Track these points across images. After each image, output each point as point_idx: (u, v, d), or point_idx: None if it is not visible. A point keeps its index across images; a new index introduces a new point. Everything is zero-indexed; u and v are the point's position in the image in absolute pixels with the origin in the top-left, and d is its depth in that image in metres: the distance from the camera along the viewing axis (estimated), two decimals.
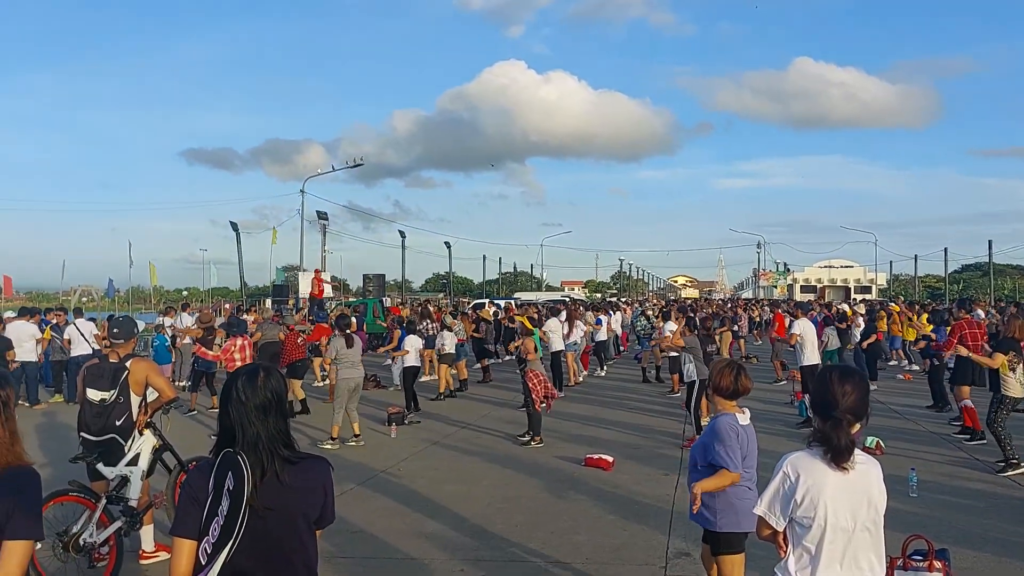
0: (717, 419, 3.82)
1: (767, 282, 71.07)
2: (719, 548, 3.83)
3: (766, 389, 13.93)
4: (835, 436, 2.43)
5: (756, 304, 30.99)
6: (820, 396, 2.56)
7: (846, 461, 2.44)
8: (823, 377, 2.59)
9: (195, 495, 2.23)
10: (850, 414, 2.47)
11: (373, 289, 28.30)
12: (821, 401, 2.54)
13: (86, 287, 40.79)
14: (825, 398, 2.51)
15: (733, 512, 3.72)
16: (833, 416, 2.46)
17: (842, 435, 2.44)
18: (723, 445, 3.68)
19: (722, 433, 3.71)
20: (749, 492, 3.72)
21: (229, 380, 2.38)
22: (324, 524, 2.39)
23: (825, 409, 2.50)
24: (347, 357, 9.50)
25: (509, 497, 6.99)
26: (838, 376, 2.54)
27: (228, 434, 2.29)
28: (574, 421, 10.91)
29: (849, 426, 2.46)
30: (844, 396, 2.48)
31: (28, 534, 2.24)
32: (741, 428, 3.77)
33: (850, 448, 2.45)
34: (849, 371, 2.62)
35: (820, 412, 2.54)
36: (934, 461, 8.25)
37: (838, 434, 2.44)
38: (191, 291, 59.19)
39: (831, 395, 2.50)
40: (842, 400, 2.47)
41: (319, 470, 2.36)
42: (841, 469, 2.44)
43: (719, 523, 3.76)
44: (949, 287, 56.27)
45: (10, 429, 2.37)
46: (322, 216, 35.08)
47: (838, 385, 2.51)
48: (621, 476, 7.69)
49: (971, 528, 5.95)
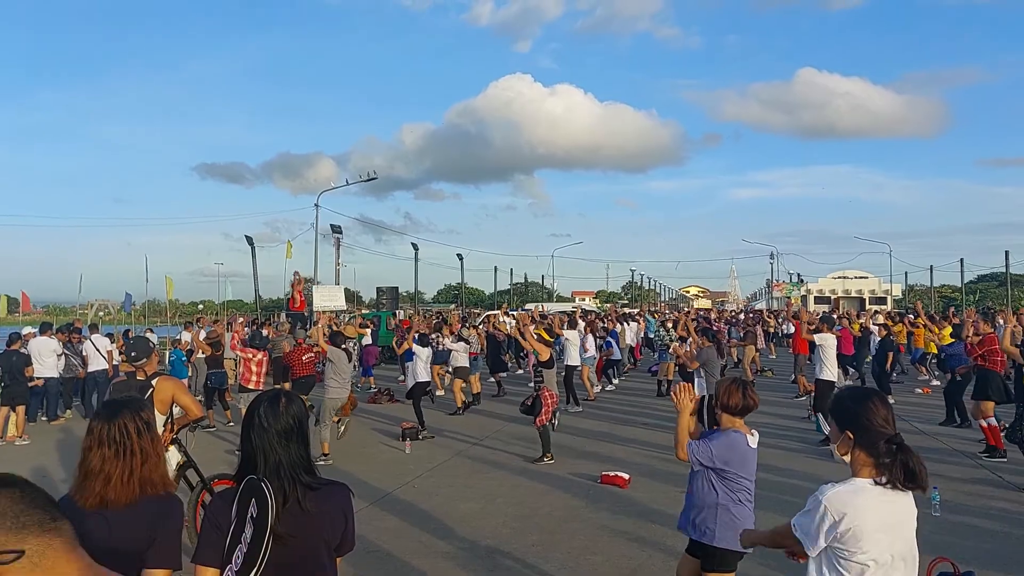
0: (727, 432, 3.79)
1: (780, 293, 70.49)
2: (713, 565, 3.78)
3: (783, 403, 13.81)
4: (914, 463, 2.30)
5: (772, 315, 30.69)
6: (868, 424, 2.38)
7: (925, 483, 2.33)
8: (865, 404, 2.42)
9: (217, 522, 2.23)
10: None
11: (387, 302, 28.35)
12: (872, 432, 2.37)
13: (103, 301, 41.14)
14: (877, 425, 2.37)
15: (733, 530, 3.66)
16: (898, 441, 2.34)
17: (918, 459, 2.32)
18: (710, 444, 3.69)
19: (723, 440, 3.72)
20: (749, 512, 3.74)
21: (251, 406, 2.38)
22: (345, 551, 2.39)
23: (884, 437, 2.34)
24: (343, 374, 9.51)
25: (524, 515, 6.95)
26: (880, 400, 2.45)
27: (250, 461, 2.29)
28: (588, 437, 10.84)
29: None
30: (892, 417, 2.40)
31: (171, 563, 2.29)
32: (749, 449, 3.76)
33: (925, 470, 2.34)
34: (878, 394, 2.56)
35: (876, 441, 2.34)
36: (956, 479, 8.12)
37: (915, 459, 2.32)
38: (206, 304, 59.64)
39: (882, 421, 2.37)
40: (893, 421, 2.39)
41: (340, 496, 2.36)
42: (919, 490, 2.33)
43: (717, 538, 3.71)
44: (965, 298, 55.66)
45: (157, 451, 2.43)
46: (336, 230, 35.23)
47: (883, 408, 2.40)
48: (637, 494, 7.62)
49: (998, 549, 5.84)
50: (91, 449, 2.36)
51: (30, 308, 34.89)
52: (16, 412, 11.38)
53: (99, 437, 2.36)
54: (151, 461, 2.39)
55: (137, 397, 2.75)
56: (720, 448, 3.70)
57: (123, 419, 2.40)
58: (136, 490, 2.32)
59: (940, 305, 54.39)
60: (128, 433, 2.37)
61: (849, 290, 75.62)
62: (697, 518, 3.81)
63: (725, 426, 3.84)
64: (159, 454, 2.47)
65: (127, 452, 2.34)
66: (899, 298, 69.05)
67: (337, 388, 9.44)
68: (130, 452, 2.34)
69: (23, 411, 11.48)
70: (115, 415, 2.41)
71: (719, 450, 3.69)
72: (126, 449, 2.34)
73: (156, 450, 2.44)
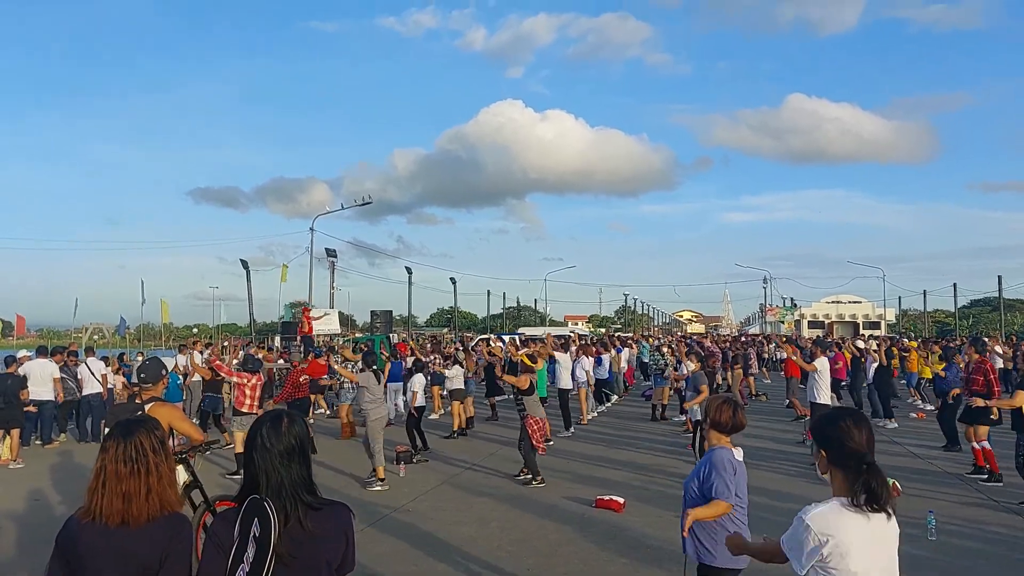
0: (714, 452, 3.84)
1: (774, 317, 70.74)
2: None
3: (778, 429, 13.81)
4: (878, 486, 2.37)
5: (765, 340, 30.80)
6: (841, 445, 2.46)
7: (890, 506, 2.40)
8: (837, 425, 2.51)
9: (220, 543, 2.23)
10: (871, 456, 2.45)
11: (381, 325, 28.34)
12: (844, 452, 2.45)
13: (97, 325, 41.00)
14: (850, 446, 2.44)
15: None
16: (869, 462, 2.40)
17: (883, 482, 2.39)
18: (720, 476, 3.71)
19: (719, 465, 3.75)
20: (745, 528, 3.77)
21: (254, 427, 2.39)
22: (345, 571, 2.38)
23: (855, 457, 2.42)
24: (377, 393, 9.56)
25: (519, 539, 6.94)
26: (853, 421, 2.51)
27: (253, 481, 2.30)
28: (583, 461, 10.83)
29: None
30: (866, 439, 2.46)
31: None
32: (737, 463, 3.81)
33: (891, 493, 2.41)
34: (857, 413, 2.63)
35: (848, 461, 2.43)
36: (952, 503, 8.15)
37: (880, 481, 2.38)
38: (200, 327, 59.44)
39: (854, 442, 2.44)
40: (866, 443, 2.45)
41: (341, 517, 2.37)
42: (884, 512, 2.39)
43: (718, 558, 3.75)
44: (959, 322, 55.89)
45: (169, 468, 2.45)
46: (331, 253, 35.36)
47: (856, 430, 2.47)
48: (632, 518, 7.62)
49: (992, 571, 5.86)
50: (106, 467, 2.36)
51: (24, 332, 34.72)
52: (11, 435, 11.31)
53: (115, 455, 2.36)
54: (165, 479, 2.40)
55: (150, 417, 2.76)
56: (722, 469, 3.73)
57: (139, 437, 2.40)
58: (152, 508, 2.33)
59: (934, 330, 54.65)
60: (144, 451, 2.38)
61: (843, 315, 75.88)
62: (695, 539, 3.84)
63: (713, 443, 3.89)
64: (172, 472, 2.49)
65: (144, 470, 2.35)
66: (893, 323, 69.29)
67: (376, 408, 9.48)
68: (146, 470, 2.35)
69: (18, 434, 11.41)
70: (131, 433, 2.42)
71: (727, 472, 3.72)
72: (142, 467, 2.35)
73: (170, 468, 2.47)
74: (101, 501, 2.32)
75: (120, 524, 2.30)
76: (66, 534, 2.35)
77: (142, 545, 2.28)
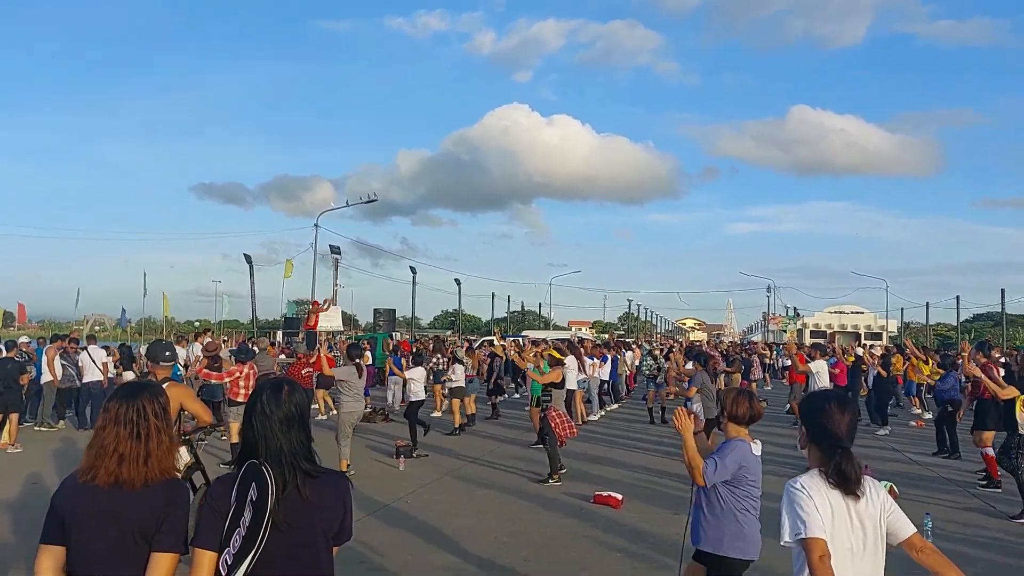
0: (731, 441, 3.82)
1: (777, 326, 70.62)
2: (719, 572, 3.81)
3: (776, 433, 13.78)
4: (849, 468, 2.45)
5: (767, 347, 30.77)
6: (821, 425, 2.56)
7: (859, 489, 2.46)
8: (822, 406, 2.58)
9: (217, 506, 2.22)
10: (850, 441, 2.53)
11: (384, 324, 28.39)
12: (823, 432, 2.54)
13: (99, 316, 41.10)
14: (828, 428, 2.53)
15: (742, 538, 3.71)
16: (843, 446, 2.49)
17: (855, 466, 2.47)
18: (719, 457, 3.71)
19: (726, 448, 3.75)
20: (756, 521, 3.77)
21: (254, 393, 2.39)
22: (342, 540, 2.38)
23: (830, 439, 2.52)
24: (356, 387, 9.53)
25: (516, 532, 6.94)
26: (837, 405, 2.57)
27: (251, 446, 2.30)
28: (582, 459, 10.82)
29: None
30: (847, 424, 2.53)
31: (177, 548, 2.29)
32: (754, 457, 3.80)
33: (860, 477, 2.48)
34: (843, 398, 2.68)
35: (823, 441, 2.54)
36: (948, 507, 8.14)
37: (852, 465, 2.46)
38: (203, 323, 59.52)
39: (835, 425, 2.52)
40: (846, 429, 2.52)
41: (339, 486, 2.37)
42: (854, 497, 2.46)
43: (726, 547, 3.74)
44: (961, 336, 55.71)
45: (169, 436, 2.43)
46: (335, 250, 35.37)
47: (838, 414, 2.54)
48: (629, 514, 7.62)
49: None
50: (106, 427, 2.34)
51: (25, 321, 34.83)
52: (10, 420, 11.34)
53: (115, 416, 2.35)
54: (165, 445, 2.38)
55: (155, 383, 2.75)
56: (734, 459, 3.73)
57: (142, 400, 2.39)
58: (152, 473, 2.32)
59: (936, 343, 54.51)
60: (146, 414, 2.36)
61: (845, 324, 75.71)
62: (705, 527, 3.83)
63: (731, 435, 3.88)
64: (173, 441, 2.47)
65: (143, 433, 2.33)
66: (894, 334, 69.13)
67: (351, 402, 9.46)
68: (146, 433, 2.34)
69: (16, 419, 11.44)
70: (134, 396, 2.41)
71: (733, 461, 3.72)
72: (142, 430, 2.34)
73: (170, 435, 2.44)
74: (95, 461, 2.31)
75: (112, 485, 2.28)
76: (62, 493, 2.35)
77: (139, 509, 2.27)
